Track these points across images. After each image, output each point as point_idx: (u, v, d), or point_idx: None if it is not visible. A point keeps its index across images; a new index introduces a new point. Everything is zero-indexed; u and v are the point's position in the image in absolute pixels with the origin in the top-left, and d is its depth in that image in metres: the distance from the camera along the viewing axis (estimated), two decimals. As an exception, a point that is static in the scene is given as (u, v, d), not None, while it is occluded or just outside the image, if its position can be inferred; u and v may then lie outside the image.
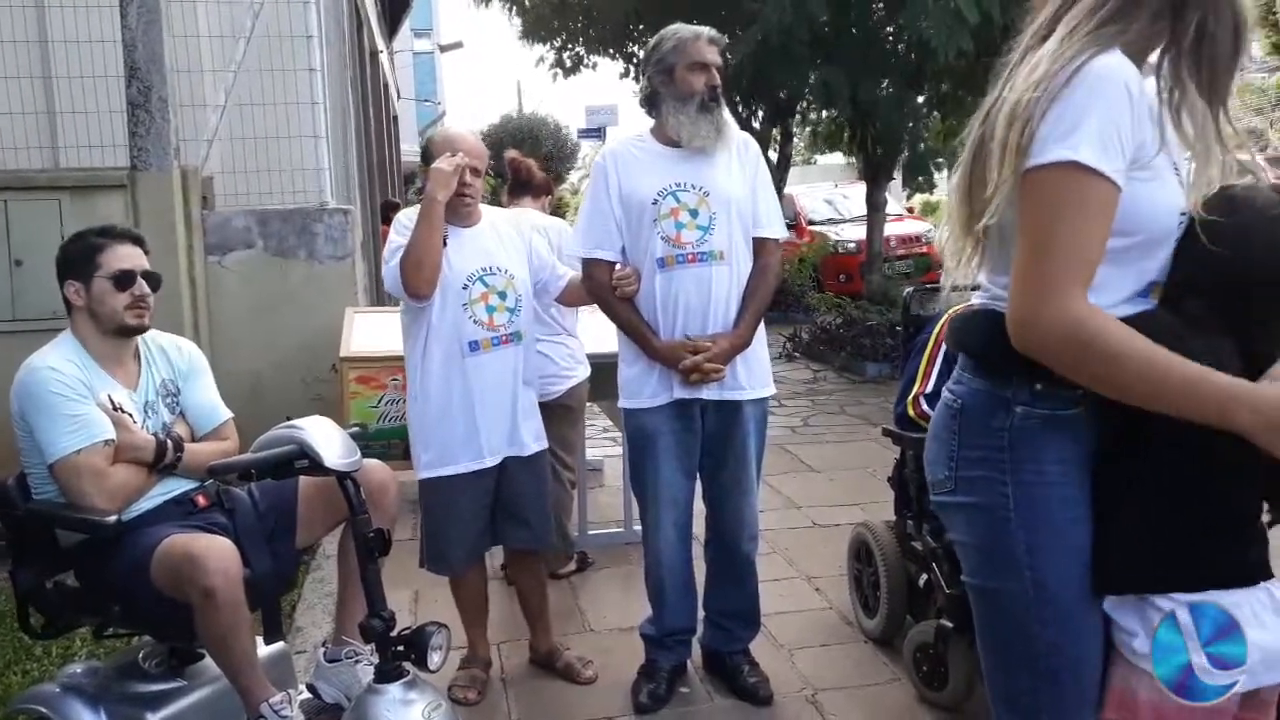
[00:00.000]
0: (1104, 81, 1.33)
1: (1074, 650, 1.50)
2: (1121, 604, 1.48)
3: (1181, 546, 1.43)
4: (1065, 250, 1.34)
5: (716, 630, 3.08)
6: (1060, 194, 1.33)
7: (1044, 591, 1.46)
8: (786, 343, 9.27)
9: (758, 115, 11.02)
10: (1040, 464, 1.44)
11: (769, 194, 2.95)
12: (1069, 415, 1.43)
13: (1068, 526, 1.46)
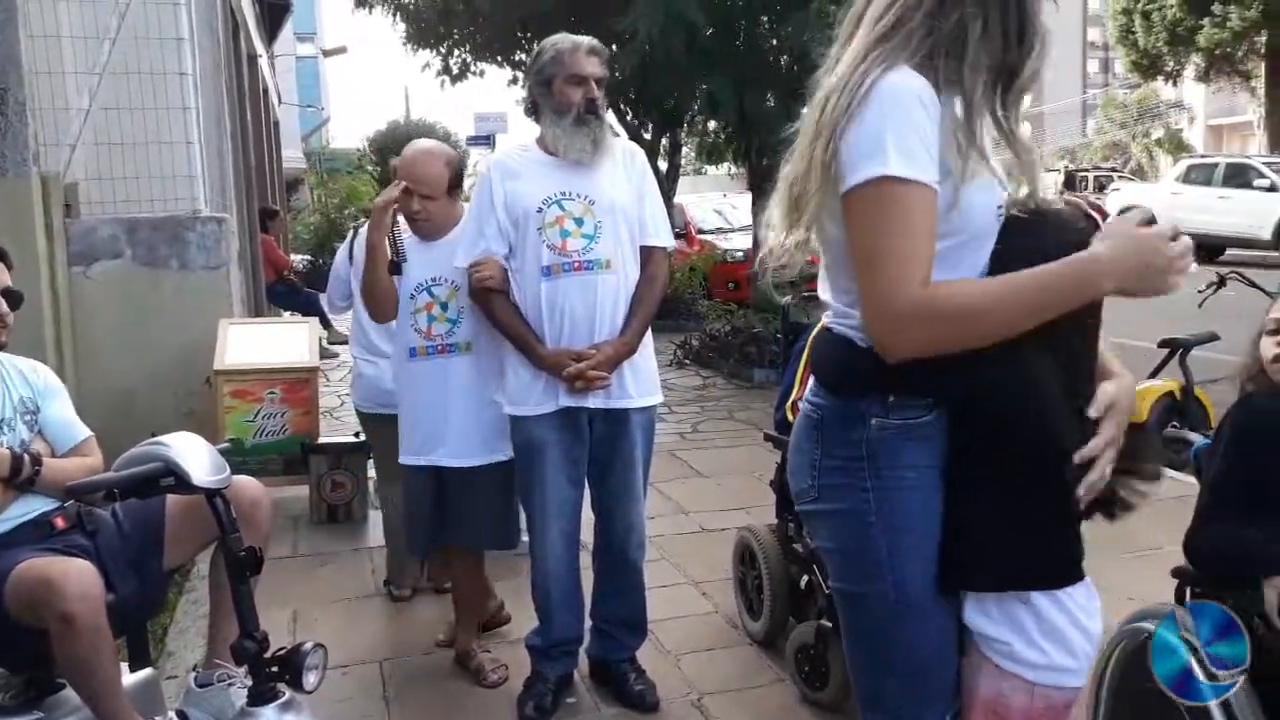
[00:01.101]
0: (893, 97, 1.40)
1: (933, 648, 1.57)
2: (988, 614, 1.54)
3: (1025, 546, 1.50)
4: (898, 258, 1.40)
5: (604, 639, 3.08)
6: (881, 208, 1.40)
7: (904, 593, 1.52)
8: (677, 350, 9.36)
9: (647, 125, 11.10)
10: (898, 470, 1.50)
11: (656, 202, 2.97)
12: (922, 424, 1.49)
13: (926, 529, 1.52)
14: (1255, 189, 16.28)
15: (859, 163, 1.40)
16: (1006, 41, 1.45)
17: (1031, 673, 1.51)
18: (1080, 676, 1.55)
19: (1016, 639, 1.51)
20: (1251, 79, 24.62)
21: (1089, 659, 1.56)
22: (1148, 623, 2.09)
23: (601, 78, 2.87)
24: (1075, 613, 1.52)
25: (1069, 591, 1.52)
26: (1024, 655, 1.51)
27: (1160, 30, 23.68)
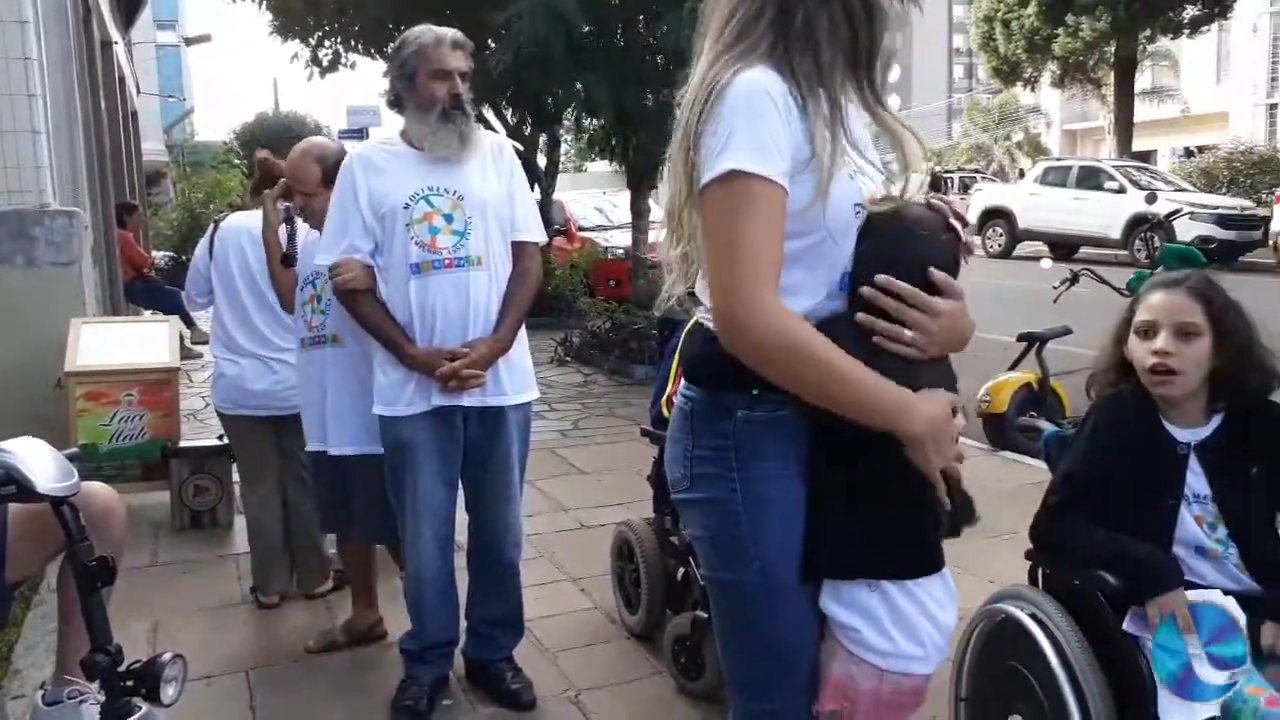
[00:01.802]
0: (743, 95, 1.42)
1: (798, 633, 1.61)
2: (841, 601, 1.59)
3: (885, 537, 1.55)
4: (746, 255, 1.41)
5: (480, 639, 3.05)
6: (730, 203, 1.42)
7: (769, 579, 1.56)
8: (558, 347, 9.33)
9: (526, 122, 11.02)
10: (763, 460, 1.54)
11: (526, 198, 2.94)
12: (785, 415, 1.53)
13: (789, 517, 1.56)
14: (1106, 190, 17.19)
15: (711, 159, 1.42)
16: (854, 25, 1.49)
17: (880, 659, 1.57)
18: (928, 664, 1.60)
19: (866, 626, 1.56)
20: (1102, 86, 25.99)
21: (939, 648, 1.61)
22: (1004, 604, 2.19)
23: (466, 71, 2.82)
24: (926, 603, 1.58)
25: (922, 582, 1.58)
26: (873, 642, 1.56)
27: (1019, 38, 24.79)
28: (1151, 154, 32.07)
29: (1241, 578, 1.94)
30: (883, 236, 1.53)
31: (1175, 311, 1.98)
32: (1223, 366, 1.97)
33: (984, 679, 2.28)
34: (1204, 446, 1.99)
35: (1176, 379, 1.96)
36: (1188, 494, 1.98)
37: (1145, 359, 2.00)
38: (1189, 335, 1.97)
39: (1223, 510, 1.96)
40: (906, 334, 1.49)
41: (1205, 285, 2.02)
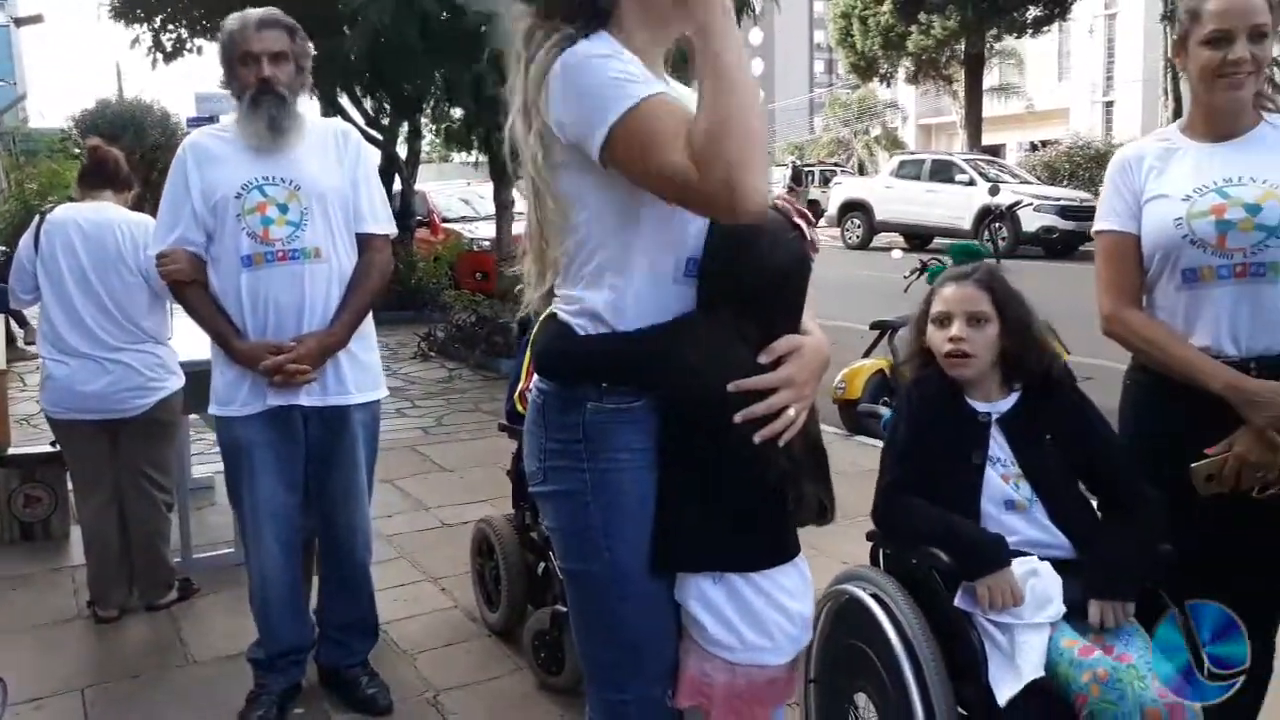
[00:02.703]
0: (585, 57, 1.45)
1: (651, 624, 1.62)
2: (690, 594, 1.60)
3: (728, 528, 1.57)
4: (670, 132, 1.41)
5: (333, 645, 2.95)
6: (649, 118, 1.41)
7: (620, 570, 1.57)
8: (421, 342, 9.14)
9: (385, 110, 10.76)
10: (613, 452, 1.55)
11: (373, 187, 2.82)
12: (635, 408, 1.55)
13: (639, 509, 1.57)
14: (957, 183, 17.90)
15: (597, 114, 1.41)
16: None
17: (729, 654, 1.59)
18: (780, 655, 1.63)
19: (712, 620, 1.58)
20: (953, 83, 27.07)
21: (792, 638, 1.64)
22: (847, 584, 2.24)
23: (282, 52, 2.65)
24: (774, 594, 1.60)
25: (770, 573, 1.61)
26: (719, 637, 1.59)
27: (875, 35, 25.62)
28: (1001, 148, 33.65)
29: (1050, 527, 2.05)
30: (728, 237, 1.54)
31: (966, 301, 2.16)
32: (1008, 348, 2.15)
33: (831, 659, 2.34)
34: (1004, 418, 2.14)
35: (970, 361, 2.13)
36: (992, 457, 2.11)
37: (942, 345, 2.16)
38: (979, 322, 2.14)
39: (1025, 472, 2.10)
40: (790, 412, 1.53)
41: (990, 277, 2.20)
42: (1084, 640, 1.89)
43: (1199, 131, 2.16)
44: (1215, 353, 2.06)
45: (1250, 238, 2.01)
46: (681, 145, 1.36)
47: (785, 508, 1.62)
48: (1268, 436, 1.98)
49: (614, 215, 1.51)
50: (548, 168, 1.54)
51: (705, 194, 1.36)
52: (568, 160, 1.51)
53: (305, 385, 2.65)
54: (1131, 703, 1.75)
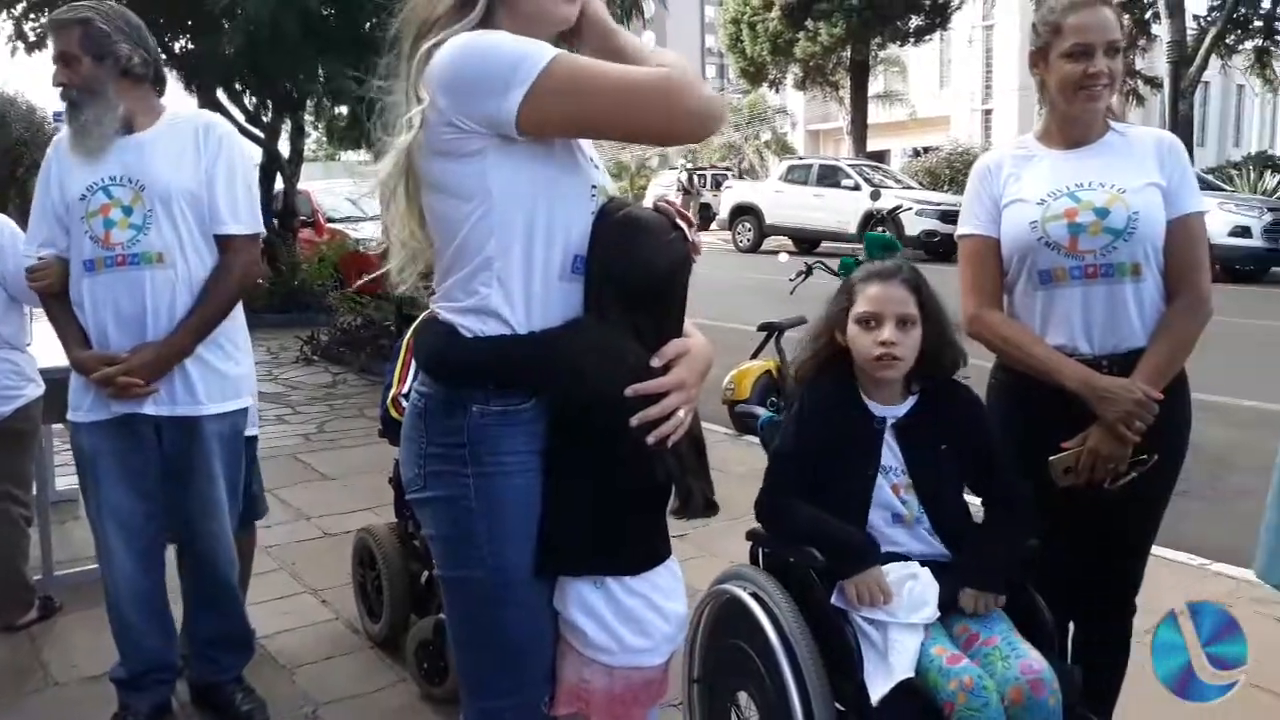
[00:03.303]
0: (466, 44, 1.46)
1: (530, 632, 1.61)
2: (568, 599, 1.60)
3: (600, 533, 1.57)
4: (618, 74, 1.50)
5: (203, 661, 2.84)
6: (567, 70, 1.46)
7: (502, 577, 1.56)
8: (304, 346, 8.88)
9: (266, 107, 10.43)
10: (498, 457, 1.53)
11: (233, 185, 2.63)
12: (522, 410, 1.53)
13: (524, 514, 1.56)
14: (843, 188, 18.35)
15: (510, 75, 1.42)
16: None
17: (608, 657, 1.60)
18: (658, 655, 1.64)
19: (592, 625, 1.58)
20: (839, 89, 27.74)
21: (669, 638, 1.65)
22: (728, 584, 2.26)
23: (66, 53, 2.49)
24: (652, 595, 1.61)
25: (646, 575, 1.62)
26: (599, 641, 1.59)
27: (764, 41, 26.08)
28: (886, 154, 34.63)
29: (932, 542, 2.10)
30: (612, 238, 1.55)
31: (896, 303, 2.09)
32: (926, 349, 2.12)
33: (713, 659, 2.36)
34: (900, 424, 2.13)
35: (899, 365, 2.09)
36: (884, 465, 2.11)
37: (871, 349, 2.08)
38: (907, 324, 2.09)
39: (915, 481, 2.10)
40: (680, 414, 1.55)
41: (915, 276, 2.16)
42: (953, 649, 1.94)
43: (1054, 139, 2.25)
44: (1070, 351, 2.16)
45: (1099, 240, 2.11)
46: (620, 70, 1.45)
47: (663, 509, 1.63)
48: (1118, 430, 2.08)
49: (504, 207, 1.49)
50: (428, 159, 1.51)
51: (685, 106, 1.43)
52: (455, 146, 1.48)
53: (151, 394, 2.54)
54: (996, 709, 1.81)
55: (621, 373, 1.53)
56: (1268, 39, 23.08)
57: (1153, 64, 22.67)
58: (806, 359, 2.27)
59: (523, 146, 1.47)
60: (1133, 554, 2.31)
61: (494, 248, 1.50)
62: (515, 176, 1.48)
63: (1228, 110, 41.82)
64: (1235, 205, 14.13)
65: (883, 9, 23.79)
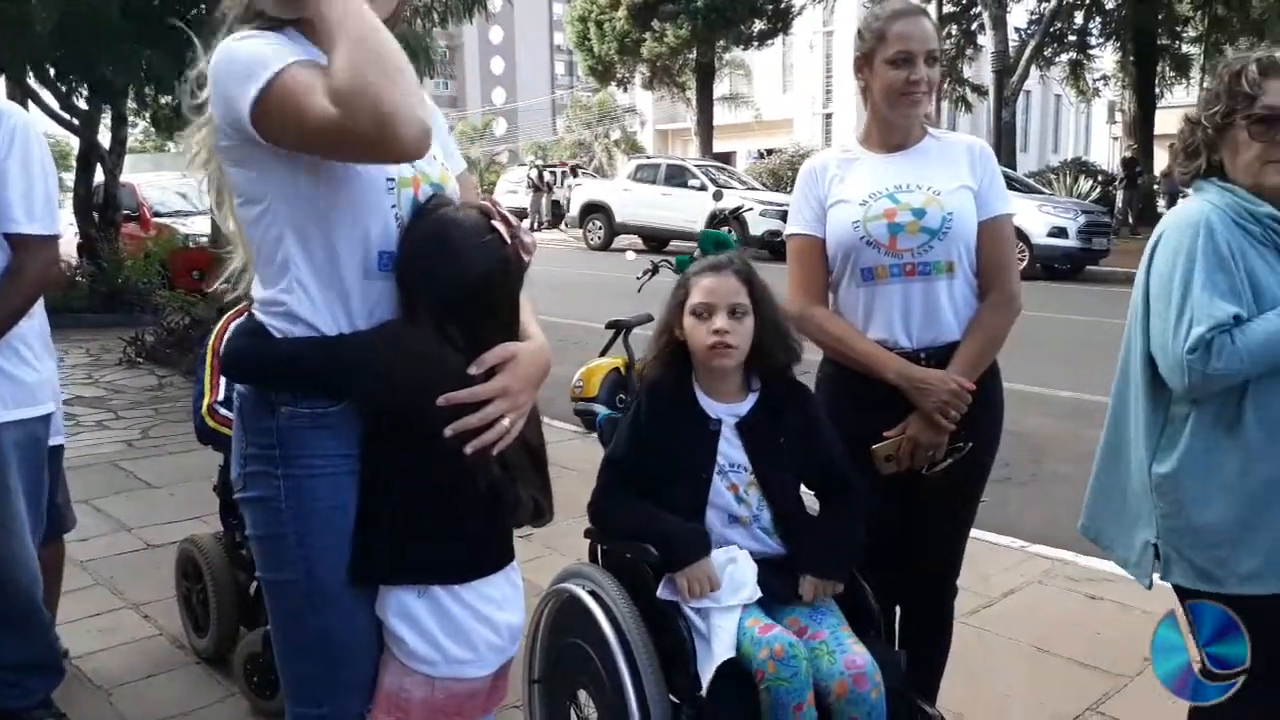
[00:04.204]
0: (224, 51, 1.43)
1: (349, 638, 1.58)
2: (389, 608, 1.56)
3: (423, 540, 1.54)
4: (305, 83, 1.41)
5: (5, 687, 2.62)
6: (287, 86, 1.40)
7: (315, 580, 1.53)
8: (127, 347, 8.38)
9: (81, 93, 9.78)
10: (308, 458, 1.51)
11: (32, 179, 2.43)
12: (332, 413, 1.51)
13: (336, 519, 1.53)
14: (690, 188, 18.63)
15: (244, 87, 1.38)
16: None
17: (429, 668, 1.57)
18: (483, 667, 1.62)
19: (413, 635, 1.56)
20: (686, 90, 28.16)
21: (497, 649, 1.63)
22: (566, 582, 2.25)
23: None
24: (480, 605, 1.59)
25: (476, 584, 1.59)
26: (420, 652, 1.56)
27: (611, 40, 26.20)
28: (732, 155, 35.37)
29: (768, 541, 2.14)
30: (420, 240, 1.52)
31: (728, 293, 2.12)
32: (759, 342, 2.15)
33: (553, 658, 2.35)
34: (741, 421, 2.16)
35: (733, 353, 2.11)
36: (724, 464, 2.14)
37: (706, 338, 2.11)
38: (740, 314, 2.12)
39: (758, 478, 2.14)
40: (504, 422, 1.53)
41: (747, 269, 2.19)
42: (765, 619, 1.98)
43: (875, 143, 2.34)
44: (890, 345, 2.24)
45: (917, 239, 2.20)
46: (321, 91, 1.34)
47: (495, 516, 1.60)
48: (935, 419, 2.18)
49: (292, 207, 1.47)
50: (224, 161, 1.51)
51: (357, 134, 1.33)
52: (238, 152, 1.47)
53: None
54: (804, 678, 1.86)
55: (433, 379, 1.50)
56: (1081, 53, 24.77)
57: (980, 73, 23.97)
58: (652, 357, 2.28)
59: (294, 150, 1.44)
60: (952, 538, 2.42)
61: (288, 250, 1.49)
62: (295, 176, 1.46)
63: (1048, 118, 44.68)
64: (1053, 208, 15.05)
65: (726, 12, 24.28)
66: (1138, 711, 2.82)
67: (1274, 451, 1.84)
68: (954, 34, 23.55)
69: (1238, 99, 1.87)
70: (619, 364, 6.08)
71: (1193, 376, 1.81)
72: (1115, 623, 3.37)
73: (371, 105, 1.30)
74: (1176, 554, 1.92)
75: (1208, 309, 1.80)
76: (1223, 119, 1.89)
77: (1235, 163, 1.90)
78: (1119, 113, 28.13)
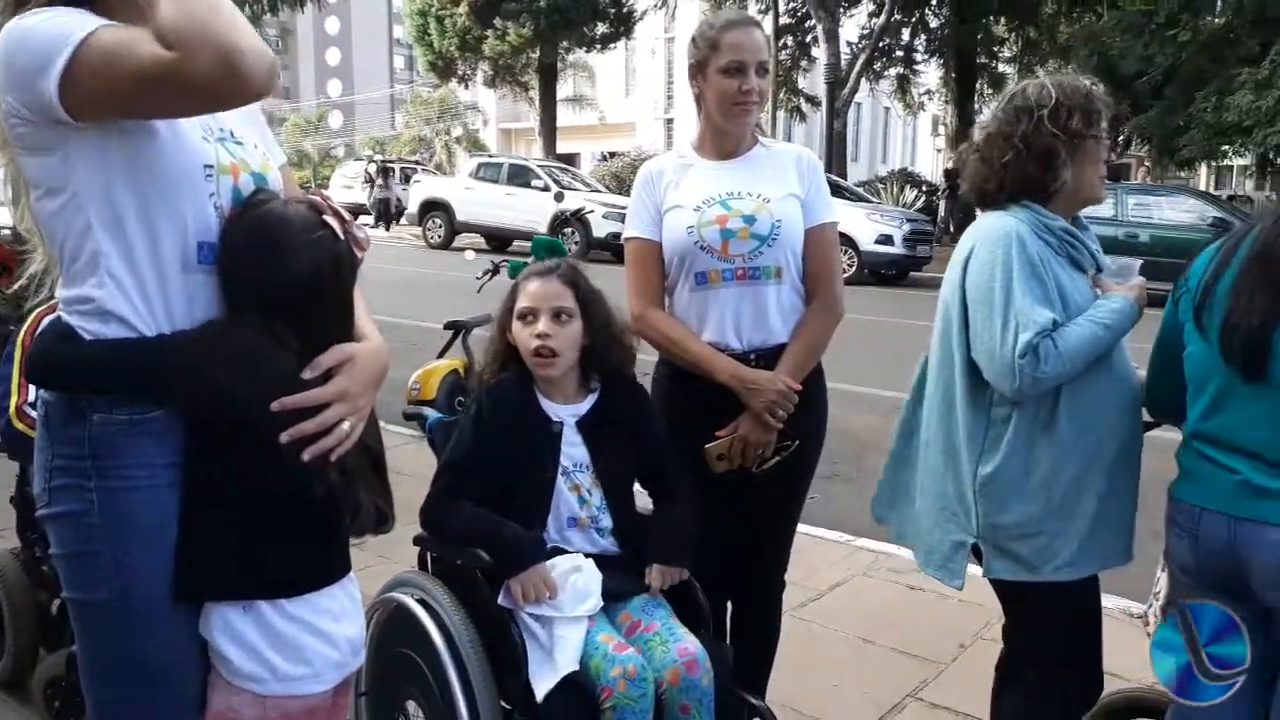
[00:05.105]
0: (12, 29, 1.34)
1: (168, 660, 1.49)
2: (214, 625, 1.48)
3: (250, 554, 1.47)
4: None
5: None
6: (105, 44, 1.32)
7: (132, 600, 1.44)
8: (-84, 348, 7.71)
9: None
10: (126, 469, 1.41)
11: None
12: (153, 419, 1.41)
13: (157, 533, 1.44)
14: (533, 188, 18.54)
15: (45, 59, 1.29)
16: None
17: (257, 685, 1.50)
18: (320, 682, 1.55)
19: (240, 653, 1.48)
20: (530, 90, 28.05)
21: (334, 664, 1.57)
22: (394, 592, 2.20)
23: None
24: (314, 619, 1.53)
25: (309, 597, 1.53)
26: (247, 669, 1.49)
27: (452, 36, 25.82)
28: (576, 156, 35.46)
29: (602, 543, 2.15)
30: (243, 236, 1.45)
31: (551, 297, 2.14)
32: (591, 345, 2.17)
33: (382, 670, 2.28)
34: (582, 420, 2.18)
35: (557, 359, 2.13)
36: (567, 465, 2.15)
37: (529, 342, 2.13)
38: (564, 318, 2.13)
39: (600, 477, 2.17)
40: (344, 426, 1.48)
41: (573, 273, 2.21)
42: (619, 637, 2.00)
43: (709, 149, 2.39)
44: (722, 346, 2.30)
45: (747, 245, 2.26)
46: (148, 39, 1.26)
47: (329, 525, 1.54)
48: (764, 419, 2.24)
49: (101, 193, 1.37)
50: (19, 149, 1.39)
51: (199, 75, 1.25)
52: (35, 137, 1.36)
53: None
54: (650, 700, 1.89)
55: (263, 381, 1.43)
56: (907, 68, 26.03)
57: (814, 84, 24.85)
58: (488, 362, 2.28)
59: (104, 131, 1.35)
60: (780, 534, 2.49)
61: (98, 243, 1.39)
62: (102, 164, 1.37)
63: (877, 130, 46.68)
64: (880, 216, 15.74)
65: (569, 13, 24.31)
66: (953, 696, 2.98)
67: (1082, 446, 1.98)
68: (789, 45, 24.36)
69: (1092, 117, 2.00)
70: (458, 366, 5.99)
71: (1024, 380, 1.91)
72: (934, 612, 3.54)
73: (213, 41, 1.23)
74: (999, 550, 2.02)
75: (1031, 315, 1.91)
76: (1074, 135, 1.99)
77: (1082, 176, 2.03)
78: (942, 126, 29.73)
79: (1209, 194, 18.95)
